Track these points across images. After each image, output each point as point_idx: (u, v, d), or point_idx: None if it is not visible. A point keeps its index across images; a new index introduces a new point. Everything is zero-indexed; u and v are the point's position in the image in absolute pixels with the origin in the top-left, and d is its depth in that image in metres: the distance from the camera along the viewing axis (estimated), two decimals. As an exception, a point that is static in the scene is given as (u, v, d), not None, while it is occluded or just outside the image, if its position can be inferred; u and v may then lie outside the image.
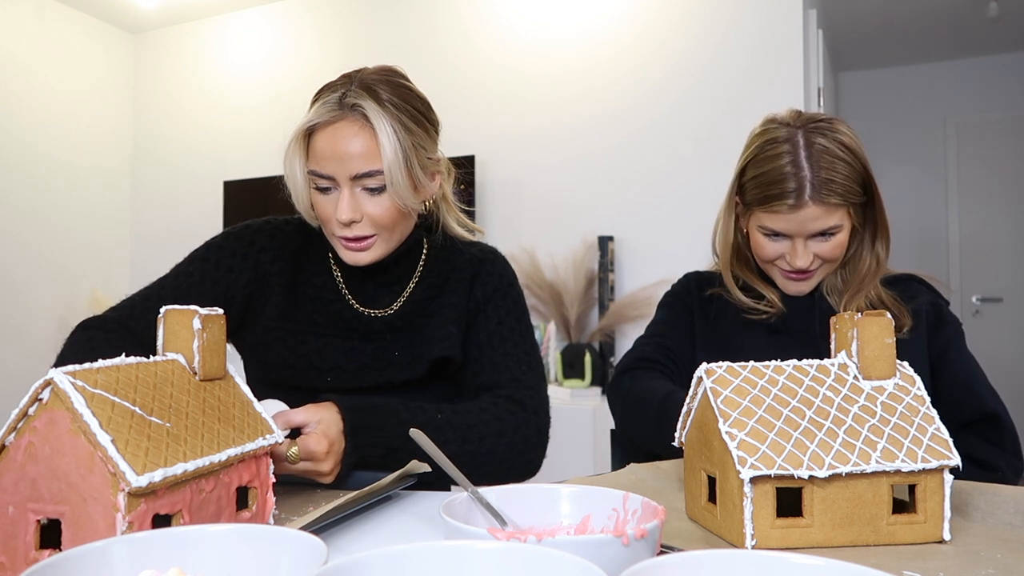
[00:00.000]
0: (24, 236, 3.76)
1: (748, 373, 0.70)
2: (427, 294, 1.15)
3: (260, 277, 1.13)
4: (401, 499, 0.87)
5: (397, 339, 1.12)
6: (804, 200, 1.06)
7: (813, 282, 1.16)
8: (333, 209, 1.02)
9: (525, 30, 3.44)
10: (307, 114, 1.03)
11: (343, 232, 1.03)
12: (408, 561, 0.42)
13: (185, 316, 0.68)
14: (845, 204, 1.08)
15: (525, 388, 1.08)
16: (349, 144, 0.99)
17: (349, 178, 1.00)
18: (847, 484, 0.64)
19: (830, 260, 1.13)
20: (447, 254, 1.18)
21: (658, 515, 0.55)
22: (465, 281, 1.16)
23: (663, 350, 1.20)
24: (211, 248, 1.16)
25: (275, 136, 1.18)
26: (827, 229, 1.09)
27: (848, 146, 1.09)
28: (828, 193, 1.06)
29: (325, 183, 1.02)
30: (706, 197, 3.03)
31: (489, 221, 3.44)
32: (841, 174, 1.07)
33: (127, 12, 4.11)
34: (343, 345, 1.10)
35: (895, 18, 4.21)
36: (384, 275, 1.13)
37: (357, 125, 0.99)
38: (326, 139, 1.00)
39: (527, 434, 1.04)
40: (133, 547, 0.46)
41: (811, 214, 1.07)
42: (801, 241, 1.10)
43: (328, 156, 1.00)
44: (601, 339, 3.10)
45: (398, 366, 1.10)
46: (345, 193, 1.01)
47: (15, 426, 0.56)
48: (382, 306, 1.13)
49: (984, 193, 4.84)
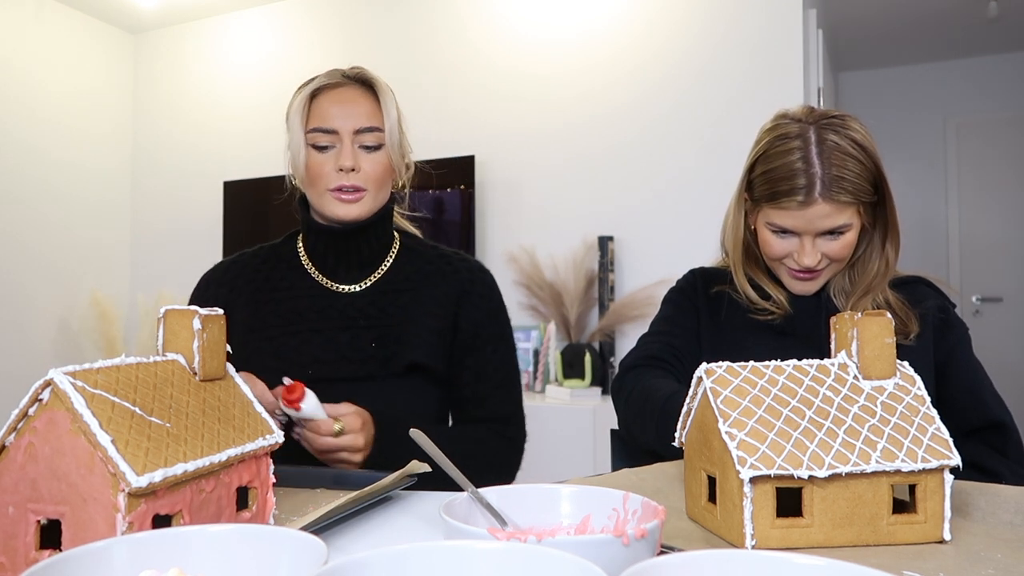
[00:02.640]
0: (24, 236, 3.76)
1: (748, 373, 0.70)
2: (400, 284, 1.20)
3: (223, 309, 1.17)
4: (401, 499, 0.87)
5: (371, 326, 1.16)
6: (814, 197, 1.05)
7: (820, 282, 1.15)
8: (331, 165, 1.13)
9: (525, 30, 3.44)
10: (306, 87, 1.15)
11: (340, 182, 1.13)
12: (408, 561, 0.42)
13: (185, 316, 0.68)
14: (855, 202, 1.06)
15: (515, 425, 1.24)
16: (355, 102, 1.14)
17: (352, 131, 1.13)
18: (847, 484, 0.64)
19: (838, 259, 1.11)
20: (420, 247, 1.27)
21: (658, 515, 0.55)
22: (450, 292, 1.21)
23: (669, 348, 1.19)
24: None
25: (275, 136, 1.23)
26: (836, 227, 1.07)
27: (860, 144, 1.07)
28: (838, 191, 1.05)
29: (325, 140, 1.13)
30: (706, 197, 3.03)
31: (489, 221, 3.44)
32: (852, 172, 1.05)
33: (127, 12, 4.11)
34: (318, 338, 1.15)
35: (895, 18, 4.21)
36: (357, 255, 1.20)
37: (360, 90, 1.15)
38: (332, 98, 1.13)
39: (510, 462, 1.22)
40: (133, 547, 0.46)
41: (820, 211, 1.06)
42: (809, 239, 1.09)
43: (335, 113, 1.13)
44: (601, 339, 3.10)
45: (376, 361, 1.14)
46: (347, 143, 1.12)
47: (15, 426, 0.56)
48: (353, 281, 1.20)
49: (984, 193, 4.84)
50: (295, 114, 1.13)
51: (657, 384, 1.09)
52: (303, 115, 1.13)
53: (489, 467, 1.15)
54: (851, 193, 1.05)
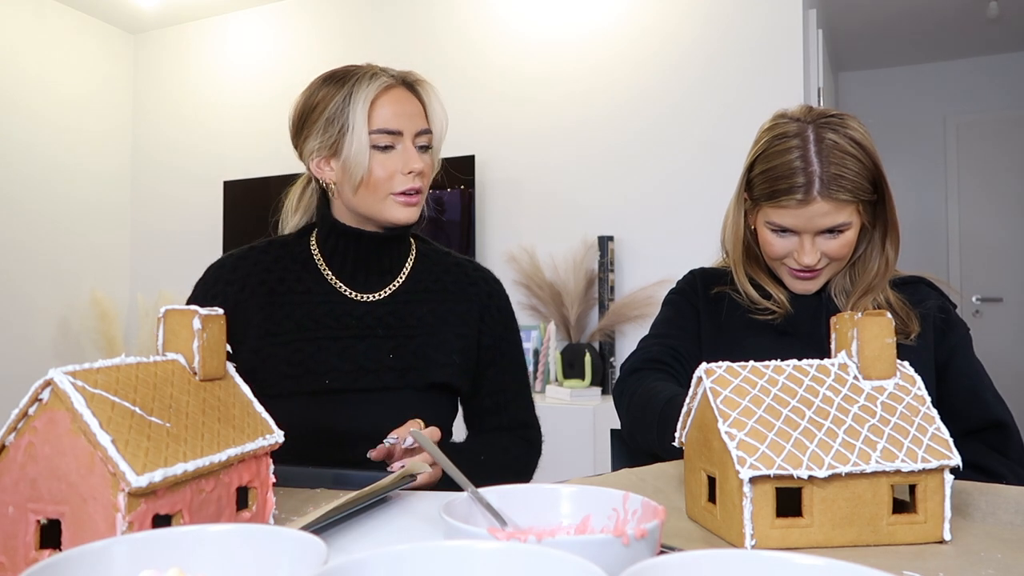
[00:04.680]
0: (24, 236, 3.76)
1: (748, 373, 0.70)
2: (419, 295, 1.18)
3: (232, 308, 1.14)
4: (401, 499, 0.87)
5: (389, 336, 1.14)
6: (813, 195, 1.05)
7: (820, 281, 1.15)
8: (397, 165, 1.11)
9: (525, 30, 3.44)
10: (360, 85, 1.10)
11: (409, 184, 1.11)
12: (408, 561, 0.42)
13: (185, 316, 0.68)
14: (855, 201, 1.06)
15: (535, 428, 1.26)
16: (413, 105, 1.13)
17: (414, 133, 1.12)
18: (847, 484, 0.64)
19: (838, 258, 1.11)
20: (434, 254, 1.25)
21: (658, 515, 0.55)
22: (472, 309, 1.20)
23: (670, 351, 1.19)
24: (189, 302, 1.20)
25: (275, 136, 1.21)
26: (836, 226, 1.07)
27: (859, 142, 1.07)
28: (837, 189, 1.04)
29: (389, 140, 1.10)
30: (706, 197, 3.03)
31: (489, 221, 3.44)
32: (851, 170, 1.05)
33: (127, 12, 4.11)
34: (336, 346, 1.12)
35: (895, 18, 4.21)
36: (377, 262, 1.17)
37: (409, 93, 1.14)
38: (391, 101, 1.11)
39: (530, 465, 1.24)
40: (133, 547, 0.46)
41: (819, 210, 1.06)
42: (809, 238, 1.09)
43: (397, 113, 1.11)
44: (601, 339, 3.10)
45: (394, 372, 1.12)
46: (410, 146, 1.12)
47: (15, 426, 0.56)
48: (371, 289, 1.17)
49: (984, 193, 4.84)
50: (358, 114, 1.08)
51: (657, 387, 1.09)
52: (366, 116, 1.09)
53: (514, 474, 1.17)
54: (850, 191, 1.05)
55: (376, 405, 1.11)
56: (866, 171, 1.07)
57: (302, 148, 1.16)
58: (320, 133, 1.11)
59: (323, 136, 1.11)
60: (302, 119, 1.14)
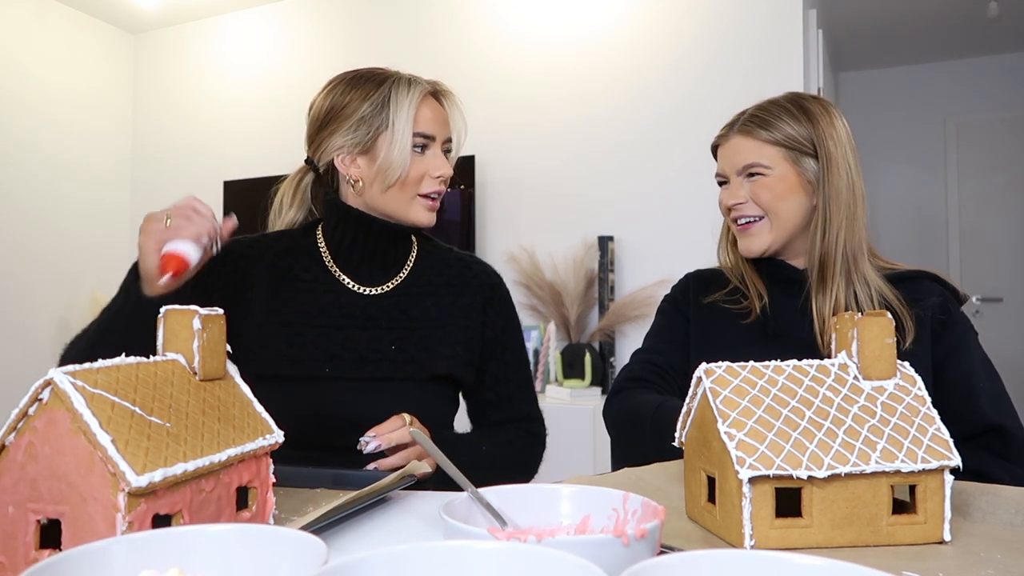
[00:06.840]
0: (24, 236, 3.76)
1: (747, 373, 0.70)
2: (422, 288, 1.20)
3: (239, 280, 1.16)
4: (401, 499, 0.87)
5: (391, 328, 1.15)
6: (733, 132, 1.12)
7: (758, 238, 1.14)
8: (428, 168, 1.14)
9: (525, 30, 3.44)
10: (400, 89, 1.14)
11: (435, 188, 1.15)
12: (408, 561, 0.42)
13: (185, 316, 0.68)
14: (776, 146, 1.10)
15: (539, 421, 1.27)
16: (442, 113, 1.18)
17: (443, 140, 1.17)
18: (846, 484, 0.64)
19: (764, 206, 1.12)
20: (435, 249, 1.27)
21: (658, 515, 0.55)
22: (476, 302, 1.22)
23: (652, 368, 1.21)
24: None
25: (275, 136, 1.21)
26: (753, 164, 1.11)
27: (805, 108, 1.11)
28: (753, 125, 1.10)
29: (424, 142, 1.14)
30: (706, 197, 3.01)
31: (489, 221, 3.44)
32: (776, 117, 1.10)
33: (127, 12, 4.11)
34: (339, 334, 1.14)
35: (895, 18, 4.21)
36: (382, 255, 1.19)
37: (436, 102, 1.18)
38: (429, 107, 1.16)
39: (534, 457, 1.25)
40: (133, 547, 0.46)
41: (736, 145, 1.12)
42: (736, 179, 1.14)
43: (433, 119, 1.15)
44: (601, 339, 3.10)
45: (394, 363, 1.13)
46: (439, 152, 1.16)
47: (15, 426, 0.56)
48: (376, 283, 1.19)
49: (984, 194, 4.84)
50: (403, 116, 1.12)
51: (644, 399, 1.11)
52: (412, 119, 1.13)
53: (517, 466, 1.19)
54: (769, 132, 1.09)
55: (376, 394, 1.11)
56: (802, 129, 1.10)
57: (323, 144, 1.16)
58: (351, 131, 1.13)
59: (354, 134, 1.13)
60: (328, 116, 1.15)
